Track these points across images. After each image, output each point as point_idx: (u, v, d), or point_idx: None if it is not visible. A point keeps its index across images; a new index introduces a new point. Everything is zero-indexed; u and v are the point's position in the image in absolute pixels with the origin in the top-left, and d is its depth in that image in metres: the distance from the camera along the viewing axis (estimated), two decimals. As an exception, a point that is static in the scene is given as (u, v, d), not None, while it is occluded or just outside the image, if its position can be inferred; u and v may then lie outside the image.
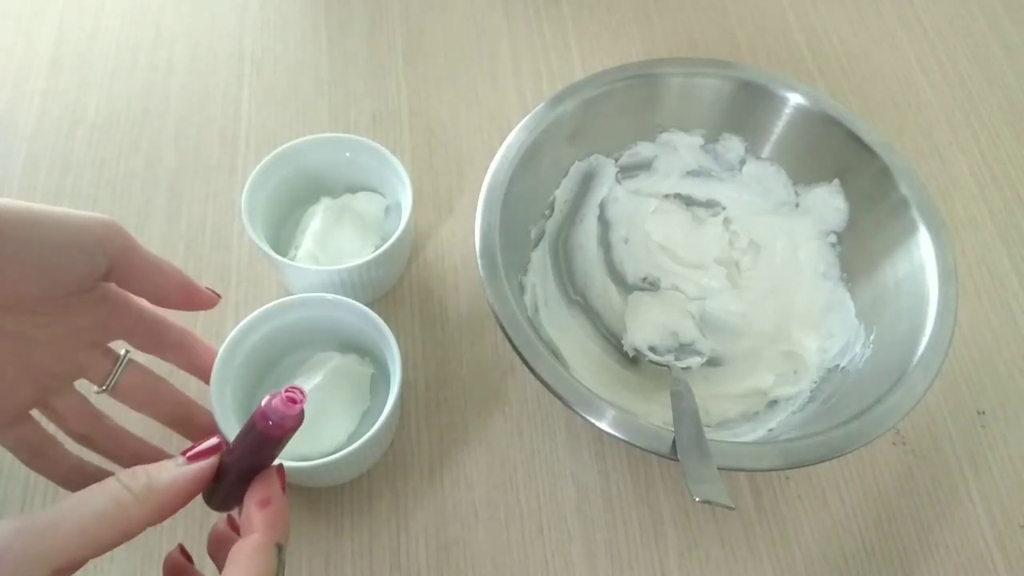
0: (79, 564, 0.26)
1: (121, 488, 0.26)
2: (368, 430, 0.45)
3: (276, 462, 0.32)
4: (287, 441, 0.30)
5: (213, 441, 0.30)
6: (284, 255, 0.52)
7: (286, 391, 0.29)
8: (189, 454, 0.29)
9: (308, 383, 0.48)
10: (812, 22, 0.71)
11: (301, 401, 0.29)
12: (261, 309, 0.48)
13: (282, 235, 0.56)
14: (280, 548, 0.28)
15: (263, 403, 0.29)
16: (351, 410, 0.49)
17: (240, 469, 0.30)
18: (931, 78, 0.68)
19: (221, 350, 0.46)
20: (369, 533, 0.48)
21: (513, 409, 0.52)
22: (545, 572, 0.47)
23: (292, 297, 0.49)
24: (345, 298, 0.48)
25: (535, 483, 0.50)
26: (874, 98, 0.67)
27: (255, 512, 0.29)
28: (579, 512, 0.49)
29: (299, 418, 0.29)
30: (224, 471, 0.30)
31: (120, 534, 0.26)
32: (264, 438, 0.29)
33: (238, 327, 0.47)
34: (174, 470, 0.28)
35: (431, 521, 0.48)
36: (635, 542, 0.48)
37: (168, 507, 0.28)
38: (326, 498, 0.49)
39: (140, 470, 0.27)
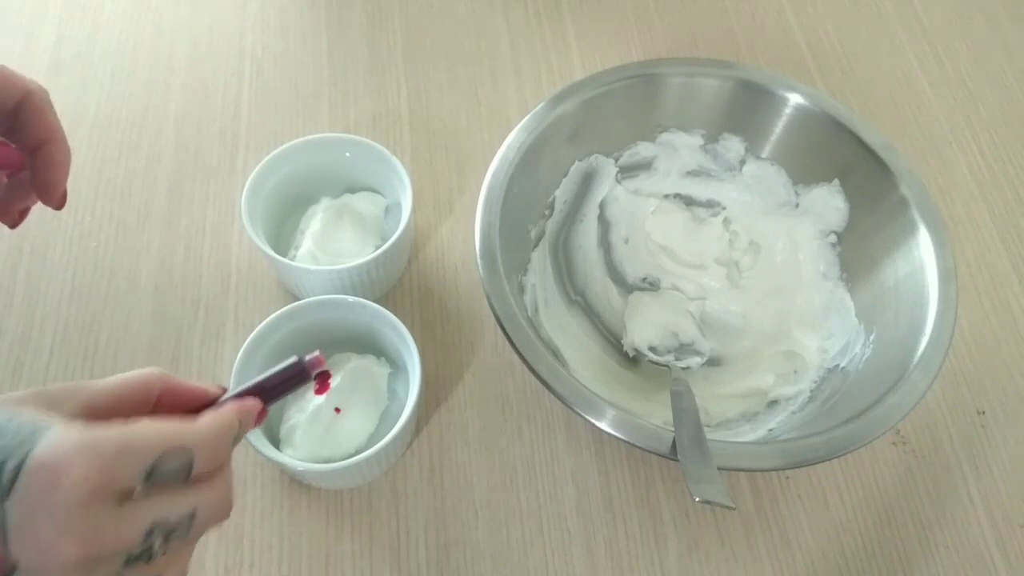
0: (104, 412, 0.30)
1: (150, 368, 0.32)
2: (388, 430, 0.46)
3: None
4: (289, 393, 0.35)
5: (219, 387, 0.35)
6: (284, 255, 0.52)
7: (318, 352, 0.35)
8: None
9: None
10: (812, 22, 0.71)
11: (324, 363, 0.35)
12: (279, 312, 0.48)
13: (282, 235, 0.56)
14: (240, 424, 0.32)
15: (295, 358, 0.35)
16: (371, 411, 0.49)
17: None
18: (931, 78, 0.68)
19: (241, 352, 0.47)
20: (369, 533, 0.48)
21: (513, 409, 0.52)
22: (545, 572, 0.47)
23: (310, 299, 0.49)
24: (362, 299, 0.49)
25: (535, 483, 0.50)
26: (874, 98, 0.67)
27: (231, 401, 0.33)
28: (579, 512, 0.49)
29: (309, 375, 0.35)
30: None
31: (140, 395, 0.31)
32: (285, 384, 0.35)
33: (256, 330, 0.48)
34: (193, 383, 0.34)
35: (431, 521, 0.48)
36: (635, 542, 0.48)
37: (176, 395, 0.32)
38: (326, 498, 0.49)
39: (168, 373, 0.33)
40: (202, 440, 0.29)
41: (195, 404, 0.33)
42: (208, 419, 0.30)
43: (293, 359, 0.35)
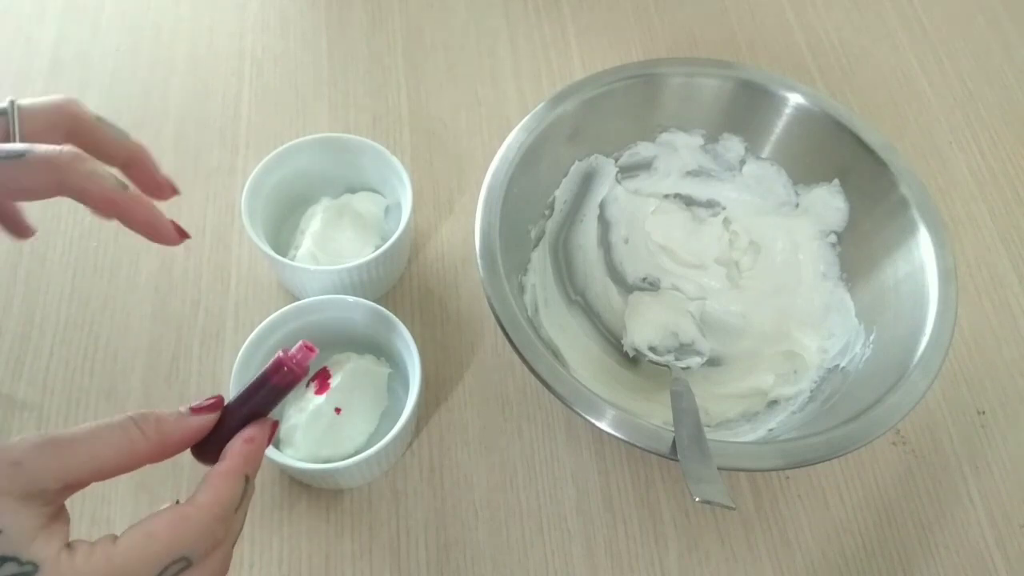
0: (86, 483, 0.29)
1: (133, 426, 0.29)
2: (388, 430, 0.46)
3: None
4: (288, 392, 0.33)
5: (215, 398, 0.33)
6: (284, 255, 0.52)
7: (302, 342, 0.33)
8: (194, 407, 0.32)
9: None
10: (812, 22, 0.71)
11: (315, 351, 0.33)
12: (279, 312, 0.48)
13: (282, 235, 0.56)
14: (247, 478, 0.31)
15: (279, 355, 0.33)
16: (371, 411, 0.49)
17: (237, 423, 0.33)
18: (931, 78, 0.68)
19: (241, 353, 0.47)
20: (369, 533, 0.48)
21: (513, 409, 0.52)
22: (545, 572, 0.47)
23: (310, 299, 0.49)
24: (362, 299, 0.49)
25: (535, 483, 0.50)
26: (874, 98, 0.67)
27: (238, 444, 0.32)
28: (579, 512, 0.49)
29: (308, 369, 0.33)
30: (218, 426, 0.33)
31: (126, 464, 0.29)
32: (277, 387, 0.33)
33: (256, 330, 0.48)
34: (180, 419, 0.31)
35: (431, 521, 0.48)
36: (635, 542, 0.48)
37: (170, 449, 0.31)
38: (327, 498, 0.49)
39: (150, 415, 0.30)
40: (200, 532, 0.29)
41: (194, 440, 0.32)
42: (207, 499, 0.30)
43: (278, 357, 0.33)
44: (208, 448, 0.33)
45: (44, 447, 0.27)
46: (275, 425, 0.34)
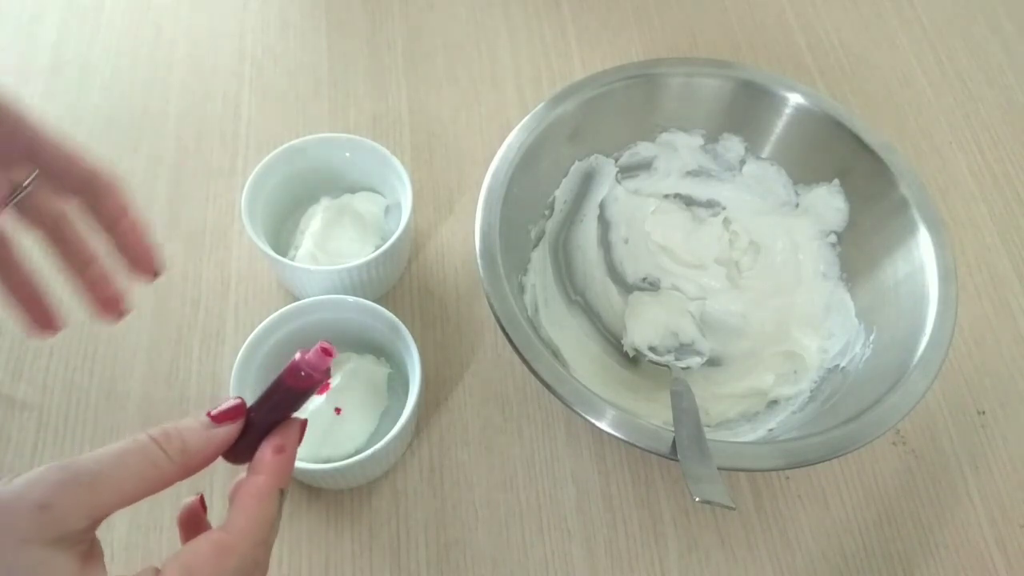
0: (117, 503, 0.27)
1: (157, 450, 0.28)
2: (388, 430, 0.46)
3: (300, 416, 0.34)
4: (312, 394, 0.32)
5: (237, 402, 0.31)
6: (284, 255, 0.53)
7: (320, 344, 0.31)
8: (214, 414, 0.30)
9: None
10: (812, 22, 0.71)
11: (333, 354, 0.31)
12: (279, 312, 0.48)
13: (282, 235, 0.56)
14: (282, 492, 0.30)
15: (296, 358, 0.31)
16: (370, 411, 0.49)
17: (263, 423, 0.32)
18: (931, 78, 0.68)
19: (240, 353, 0.47)
20: (369, 533, 0.48)
21: (513, 409, 0.52)
22: (545, 572, 0.47)
23: (310, 299, 0.49)
24: (362, 299, 0.49)
25: (535, 483, 0.50)
26: (874, 98, 0.67)
27: (269, 456, 0.30)
28: (579, 512, 0.49)
29: (328, 371, 0.31)
30: (244, 427, 0.31)
31: (153, 489, 0.28)
32: (296, 391, 0.31)
33: (256, 330, 0.48)
34: (204, 433, 0.30)
35: (431, 521, 0.48)
36: (635, 542, 0.48)
37: (197, 467, 0.29)
38: (327, 498, 0.49)
39: (174, 433, 0.29)
40: (242, 560, 0.28)
41: (219, 453, 0.31)
42: (244, 525, 0.29)
43: (294, 360, 0.31)
44: (236, 451, 0.32)
45: (69, 485, 0.26)
46: (303, 425, 0.32)
